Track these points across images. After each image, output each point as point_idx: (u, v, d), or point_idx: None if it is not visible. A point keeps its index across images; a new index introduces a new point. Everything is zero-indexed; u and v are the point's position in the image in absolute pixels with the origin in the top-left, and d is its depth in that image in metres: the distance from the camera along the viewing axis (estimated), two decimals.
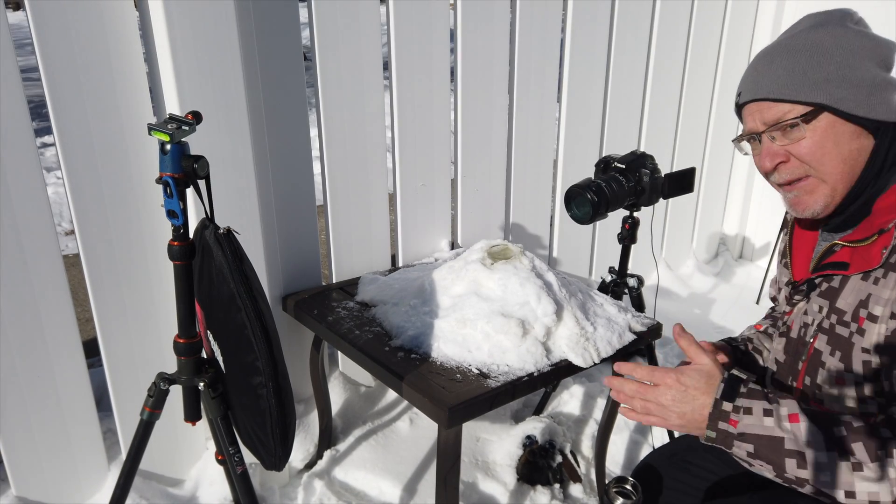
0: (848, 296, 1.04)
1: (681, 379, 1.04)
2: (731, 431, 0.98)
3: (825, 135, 1.04)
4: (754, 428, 0.96)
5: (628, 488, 1.22)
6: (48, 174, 4.86)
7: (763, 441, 0.95)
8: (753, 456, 0.97)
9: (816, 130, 1.04)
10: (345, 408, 2.21)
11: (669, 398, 1.04)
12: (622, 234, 2.02)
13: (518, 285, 1.65)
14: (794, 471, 0.93)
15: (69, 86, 1.56)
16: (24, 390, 1.67)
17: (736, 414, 0.98)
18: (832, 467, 0.91)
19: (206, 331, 1.36)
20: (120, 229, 1.72)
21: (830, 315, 1.07)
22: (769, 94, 1.06)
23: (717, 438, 1.00)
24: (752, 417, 0.97)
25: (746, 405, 0.98)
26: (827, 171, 1.05)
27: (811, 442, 0.93)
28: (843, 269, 1.05)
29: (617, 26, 2.66)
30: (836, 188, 1.06)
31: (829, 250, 1.10)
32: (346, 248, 2.15)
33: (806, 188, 1.09)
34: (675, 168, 3.04)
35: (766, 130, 1.08)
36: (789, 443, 0.94)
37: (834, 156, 1.04)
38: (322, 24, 1.89)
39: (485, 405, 1.47)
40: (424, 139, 2.23)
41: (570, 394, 2.38)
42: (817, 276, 1.11)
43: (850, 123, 1.03)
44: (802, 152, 1.06)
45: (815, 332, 1.09)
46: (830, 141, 1.04)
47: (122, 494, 1.47)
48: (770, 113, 1.07)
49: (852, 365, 1.02)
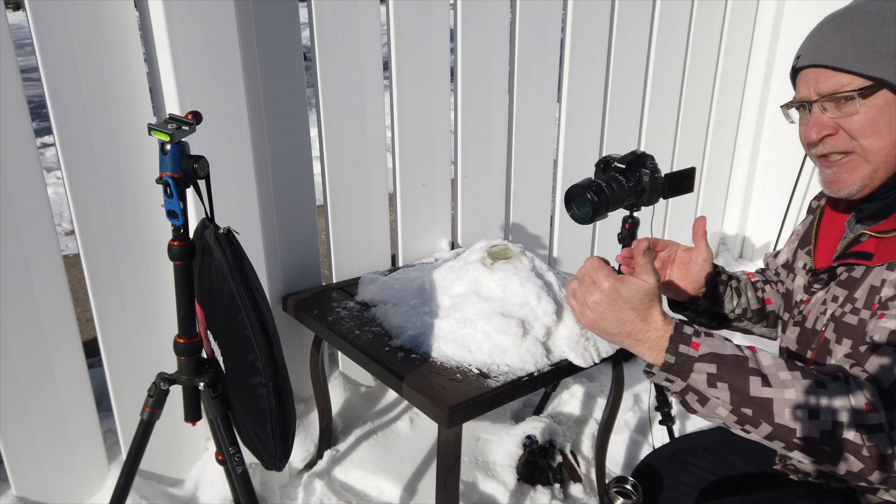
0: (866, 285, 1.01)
1: (616, 286, 0.96)
2: (692, 354, 0.92)
3: (880, 112, 0.98)
4: (717, 348, 0.92)
5: (628, 488, 1.22)
6: (48, 174, 4.86)
7: (727, 360, 0.91)
8: (714, 379, 0.91)
9: (872, 107, 0.98)
10: (345, 408, 2.21)
11: (594, 300, 0.97)
12: (622, 234, 2.01)
13: (518, 285, 1.65)
14: (759, 390, 0.89)
15: (69, 86, 1.56)
16: (24, 390, 1.67)
17: (697, 337, 0.94)
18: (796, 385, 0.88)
19: (206, 331, 1.36)
20: (120, 229, 1.72)
21: (845, 304, 1.04)
22: (829, 62, 1.00)
23: (675, 363, 0.93)
24: (713, 340, 0.94)
25: (707, 331, 0.95)
26: (873, 150, 1.00)
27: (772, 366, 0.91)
28: (867, 260, 1.02)
29: (617, 26, 2.66)
30: (877, 170, 1.01)
31: (855, 240, 1.06)
32: (346, 248, 2.16)
33: (848, 166, 1.03)
34: (675, 168, 3.04)
35: (819, 100, 1.03)
36: (753, 363, 0.91)
37: (885, 135, 0.99)
38: (322, 24, 1.89)
39: (485, 405, 1.47)
40: (424, 139, 2.23)
41: (571, 394, 2.38)
42: (839, 264, 1.07)
43: None
44: (853, 127, 1.00)
45: (827, 321, 1.07)
46: (884, 120, 0.98)
47: (122, 494, 1.47)
48: (827, 83, 1.01)
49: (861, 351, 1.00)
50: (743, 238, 3.63)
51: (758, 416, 0.90)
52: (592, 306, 0.97)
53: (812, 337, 1.12)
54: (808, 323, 1.14)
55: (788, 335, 1.20)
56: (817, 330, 1.10)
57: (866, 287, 1.01)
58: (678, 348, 0.93)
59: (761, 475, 1.31)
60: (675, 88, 3.03)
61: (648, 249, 0.98)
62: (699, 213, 3.41)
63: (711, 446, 1.37)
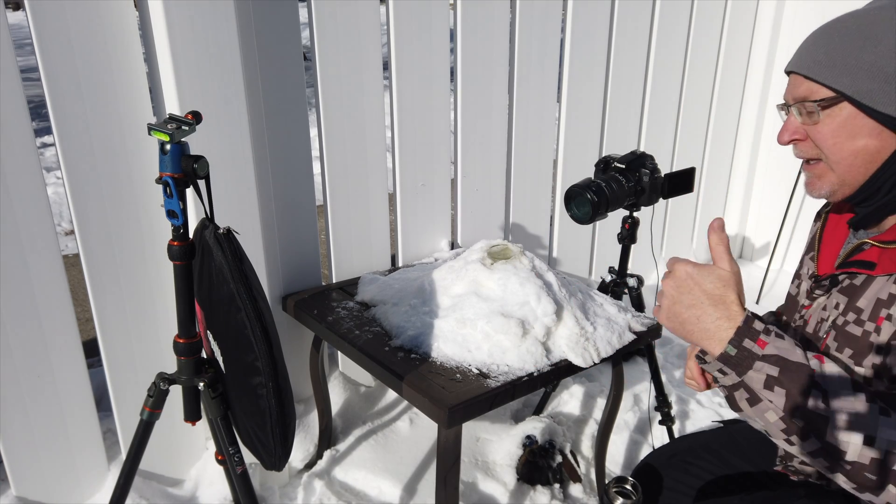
0: (869, 295, 1.01)
1: (692, 272, 0.96)
2: (756, 351, 0.90)
3: (842, 125, 1.00)
4: (785, 351, 0.89)
5: (628, 488, 1.22)
6: (48, 174, 4.86)
7: (791, 366, 0.88)
8: (773, 382, 0.88)
9: (833, 119, 1.00)
10: (345, 408, 2.21)
11: (672, 286, 0.97)
12: (622, 234, 2.02)
13: (518, 285, 1.65)
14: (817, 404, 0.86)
15: (69, 86, 1.56)
16: (24, 390, 1.67)
17: (766, 335, 0.91)
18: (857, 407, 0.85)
19: (205, 331, 1.36)
20: (120, 229, 1.72)
21: (847, 312, 1.04)
22: (801, 69, 1.03)
23: (734, 356, 0.91)
24: (783, 342, 0.90)
25: (778, 331, 0.92)
26: (836, 160, 1.02)
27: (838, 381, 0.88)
28: (869, 269, 1.01)
29: (617, 26, 2.66)
30: (844, 180, 1.03)
31: (857, 248, 1.06)
32: (346, 248, 2.16)
33: (816, 172, 1.06)
34: (675, 168, 3.04)
35: (793, 104, 1.06)
36: (818, 375, 0.88)
37: (845, 148, 1.00)
38: (322, 24, 1.89)
39: (485, 405, 1.47)
40: (424, 139, 2.23)
41: (570, 394, 2.38)
42: (841, 272, 1.08)
43: (870, 119, 0.98)
44: (817, 136, 1.03)
45: (828, 328, 1.07)
46: (845, 132, 0.99)
47: (122, 494, 1.47)
48: (799, 89, 1.03)
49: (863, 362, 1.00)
50: (743, 238, 3.63)
51: (809, 429, 0.88)
52: (667, 293, 0.97)
53: (814, 342, 1.12)
54: (808, 328, 1.14)
55: None
56: (819, 336, 1.10)
57: (871, 298, 1.00)
58: (742, 342, 0.91)
59: (761, 475, 1.31)
60: (675, 88, 3.03)
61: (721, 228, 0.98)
62: (699, 213, 3.41)
63: (711, 447, 1.37)
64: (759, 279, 3.27)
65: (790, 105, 1.07)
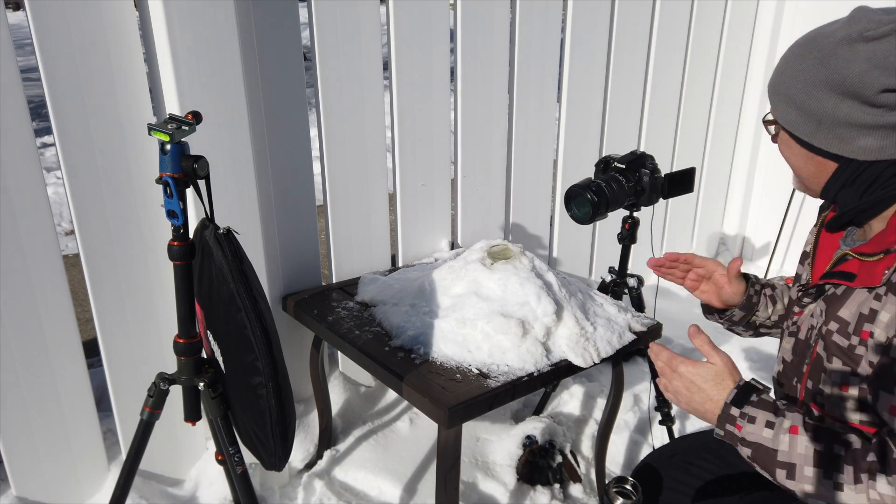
0: (851, 306, 1.04)
1: (691, 372, 1.09)
2: (736, 434, 1.03)
3: (784, 146, 1.11)
4: (754, 436, 1.01)
5: (628, 488, 1.22)
6: (48, 174, 4.86)
7: (760, 450, 1.01)
8: (752, 459, 1.03)
9: (780, 139, 1.12)
10: (345, 408, 2.21)
11: (682, 386, 1.10)
12: (622, 234, 2.02)
13: (518, 285, 1.65)
14: (784, 480, 0.99)
15: (69, 86, 1.56)
16: (24, 390, 1.67)
17: (741, 420, 1.03)
18: (816, 483, 0.96)
19: (206, 331, 1.36)
20: (120, 229, 1.72)
21: (829, 322, 1.07)
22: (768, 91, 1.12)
23: (725, 436, 1.06)
24: (754, 426, 1.02)
25: (752, 413, 1.02)
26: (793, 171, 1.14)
27: (803, 456, 0.98)
28: (849, 280, 1.05)
29: (617, 26, 2.66)
30: (807, 186, 1.13)
31: (841, 258, 1.10)
32: (346, 248, 2.16)
33: None
34: (675, 168, 3.04)
35: None
36: (782, 455, 0.99)
37: (793, 164, 1.12)
38: (322, 24, 1.89)
39: (485, 405, 1.47)
40: (424, 139, 2.23)
41: (570, 394, 2.38)
42: (826, 282, 1.11)
43: (801, 147, 1.07)
44: None
45: (816, 336, 1.10)
46: (789, 152, 1.11)
47: (122, 494, 1.47)
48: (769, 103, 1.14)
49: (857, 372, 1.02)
50: (743, 238, 3.63)
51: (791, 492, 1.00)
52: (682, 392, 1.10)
53: (806, 350, 1.14)
54: (801, 335, 1.16)
55: (784, 345, 1.22)
56: (809, 343, 1.13)
57: (853, 311, 1.03)
58: (725, 426, 1.05)
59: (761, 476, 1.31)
60: (675, 88, 3.03)
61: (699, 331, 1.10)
62: (699, 213, 3.41)
63: (711, 446, 1.37)
64: None
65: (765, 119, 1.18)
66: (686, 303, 3.19)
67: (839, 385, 1.05)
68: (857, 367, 1.02)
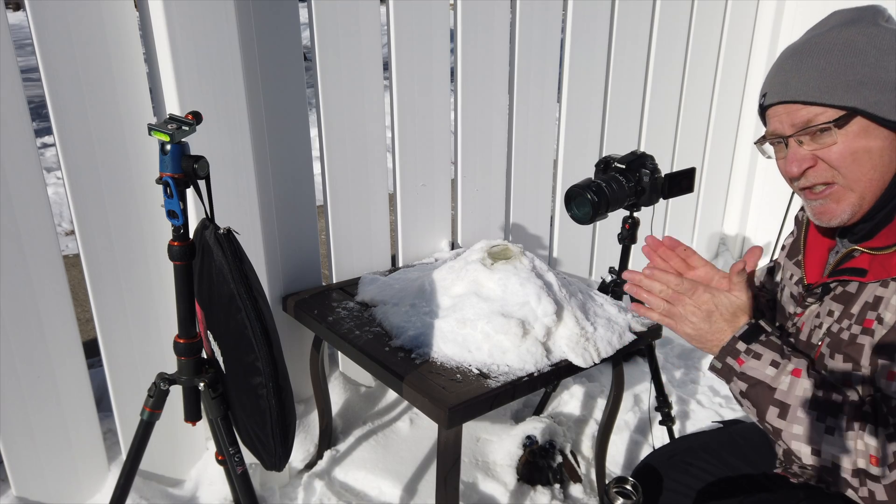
0: (862, 301, 1.02)
1: (713, 300, 1.07)
2: (735, 368, 1.04)
3: (857, 140, 1.00)
4: (755, 372, 1.02)
5: (628, 488, 1.22)
6: (48, 174, 4.86)
7: (758, 386, 1.01)
8: (744, 395, 1.03)
9: (849, 135, 1.00)
10: (345, 408, 2.21)
11: (692, 310, 1.08)
12: (622, 234, 2.02)
13: (518, 285, 1.65)
14: (773, 419, 1.00)
15: (69, 86, 1.56)
16: (24, 390, 1.67)
17: (746, 355, 1.03)
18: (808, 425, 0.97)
19: (206, 331, 1.36)
20: (120, 229, 1.72)
21: (843, 320, 1.05)
22: (799, 97, 1.01)
23: (720, 369, 1.06)
24: (758, 363, 1.02)
25: (759, 351, 1.03)
26: (856, 177, 1.01)
27: (800, 398, 0.98)
28: (861, 276, 1.03)
29: (617, 26, 2.66)
30: (864, 196, 1.02)
31: (848, 255, 1.07)
32: (346, 248, 2.15)
33: (833, 196, 1.04)
34: (675, 168, 3.04)
35: (795, 134, 1.03)
36: (780, 394, 1.00)
37: (865, 162, 1.00)
38: (322, 24, 1.89)
39: (485, 405, 1.47)
40: (424, 139, 2.23)
41: (571, 394, 2.38)
42: (833, 280, 1.08)
43: (883, 129, 0.99)
44: (832, 157, 1.01)
45: (823, 335, 1.08)
46: (862, 146, 1.00)
47: (122, 494, 1.47)
48: (799, 116, 1.02)
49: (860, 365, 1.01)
50: (743, 238, 3.63)
51: (774, 435, 1.02)
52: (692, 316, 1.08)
53: (808, 350, 1.13)
54: (802, 335, 1.15)
55: None
56: (813, 343, 1.11)
57: (861, 303, 1.02)
58: (725, 359, 1.05)
59: (761, 477, 1.31)
60: (675, 88, 3.03)
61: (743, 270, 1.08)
62: (699, 213, 3.41)
63: (711, 447, 1.37)
64: None
65: (789, 136, 1.05)
66: None
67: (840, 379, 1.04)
68: (859, 360, 1.01)
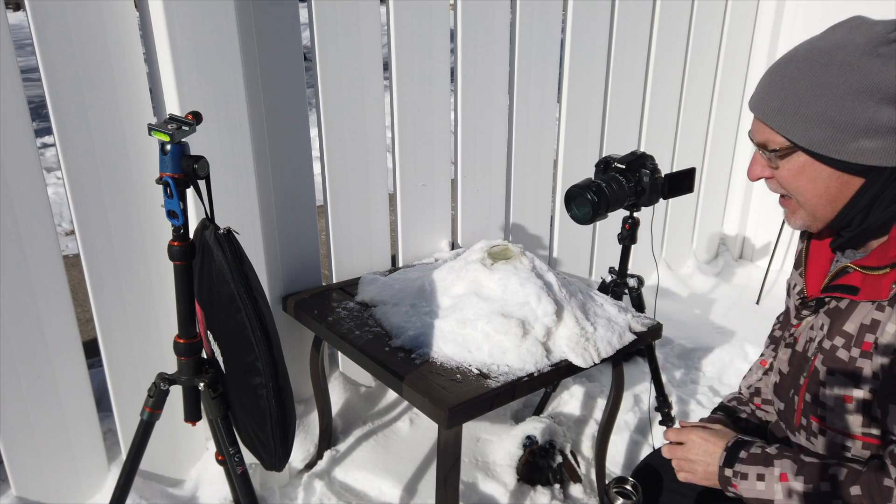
0: (856, 320, 1.02)
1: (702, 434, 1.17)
2: (737, 493, 1.10)
3: (800, 171, 1.03)
4: (750, 492, 1.08)
5: (628, 488, 1.22)
6: (48, 174, 4.86)
7: (760, 501, 1.07)
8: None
9: (792, 165, 1.03)
10: (345, 408, 2.20)
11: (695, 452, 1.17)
12: (622, 234, 2.02)
13: (518, 285, 1.65)
14: None
15: (69, 86, 1.56)
16: (24, 390, 1.67)
17: (735, 478, 1.10)
18: None
19: (206, 331, 1.36)
20: (120, 229, 1.72)
21: (833, 336, 1.05)
22: (762, 116, 1.05)
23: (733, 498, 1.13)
24: (747, 482, 1.08)
25: (744, 471, 1.09)
26: (804, 199, 1.05)
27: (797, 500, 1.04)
28: (853, 294, 1.03)
29: (617, 26, 2.66)
30: (815, 215, 1.06)
31: (842, 271, 1.07)
32: (346, 248, 2.16)
33: (790, 207, 1.10)
34: (675, 168, 3.04)
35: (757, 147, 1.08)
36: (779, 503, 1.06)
37: (808, 190, 1.04)
38: (322, 24, 1.89)
39: (485, 405, 1.47)
40: (424, 139, 2.23)
41: (571, 394, 2.38)
42: (827, 295, 1.09)
43: (827, 166, 1.00)
44: (781, 178, 1.06)
45: (815, 349, 1.09)
46: (805, 177, 1.03)
47: (122, 494, 1.47)
48: (760, 134, 1.06)
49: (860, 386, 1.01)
50: (743, 238, 3.63)
51: None
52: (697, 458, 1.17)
53: (803, 362, 1.13)
54: (798, 346, 1.16)
55: (780, 356, 1.21)
56: (807, 356, 1.12)
57: (856, 323, 1.02)
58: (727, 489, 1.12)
59: None
60: (675, 88, 3.03)
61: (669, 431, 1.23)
62: (699, 214, 3.41)
63: None
64: (759, 279, 3.27)
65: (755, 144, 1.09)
66: (686, 303, 3.20)
67: (840, 398, 1.04)
68: (858, 380, 1.01)
